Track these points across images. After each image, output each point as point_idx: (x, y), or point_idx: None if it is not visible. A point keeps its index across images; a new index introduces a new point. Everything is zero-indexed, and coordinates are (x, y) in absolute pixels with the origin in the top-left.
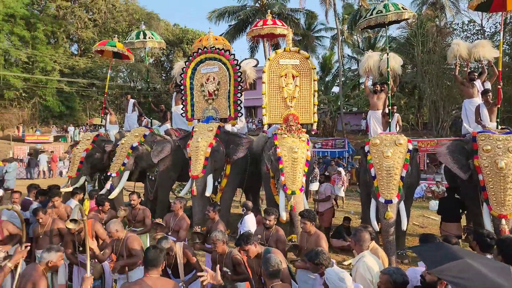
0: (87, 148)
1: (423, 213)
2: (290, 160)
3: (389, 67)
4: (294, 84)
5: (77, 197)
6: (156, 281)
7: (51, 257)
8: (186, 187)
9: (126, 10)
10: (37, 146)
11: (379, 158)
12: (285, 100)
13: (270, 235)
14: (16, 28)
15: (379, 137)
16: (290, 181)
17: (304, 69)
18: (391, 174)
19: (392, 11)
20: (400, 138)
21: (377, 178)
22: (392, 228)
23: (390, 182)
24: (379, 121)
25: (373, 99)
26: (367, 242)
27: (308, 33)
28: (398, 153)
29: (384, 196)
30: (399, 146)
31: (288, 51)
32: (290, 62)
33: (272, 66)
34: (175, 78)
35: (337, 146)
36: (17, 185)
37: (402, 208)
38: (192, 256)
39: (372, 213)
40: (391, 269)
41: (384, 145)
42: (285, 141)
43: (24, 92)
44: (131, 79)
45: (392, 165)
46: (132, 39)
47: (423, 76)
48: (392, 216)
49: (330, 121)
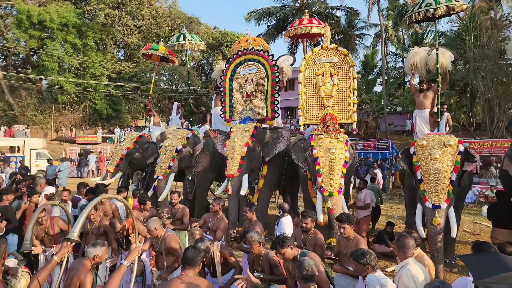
0: (129, 147)
1: (475, 219)
2: (327, 161)
3: (438, 64)
4: (332, 83)
5: (122, 194)
6: (192, 280)
7: (96, 251)
8: (222, 186)
9: (169, 16)
10: (86, 147)
11: (426, 161)
12: (322, 99)
13: (308, 238)
14: (69, 37)
15: (426, 137)
16: (327, 183)
17: (342, 67)
18: (439, 177)
19: (442, 3)
20: (450, 139)
21: (423, 182)
22: (440, 235)
23: (438, 186)
24: (426, 121)
25: (419, 97)
26: (411, 249)
27: (349, 31)
28: (448, 155)
29: (432, 200)
30: (449, 147)
31: (325, 49)
32: (328, 60)
33: (308, 65)
34: (215, 80)
35: (380, 148)
36: (68, 183)
37: (451, 214)
38: (230, 256)
39: (418, 219)
40: (436, 283)
41: (432, 146)
42: (321, 141)
43: (76, 96)
44: (173, 82)
45: (440, 168)
46: (173, 42)
47: (475, 73)
48: (440, 222)
49: (373, 121)
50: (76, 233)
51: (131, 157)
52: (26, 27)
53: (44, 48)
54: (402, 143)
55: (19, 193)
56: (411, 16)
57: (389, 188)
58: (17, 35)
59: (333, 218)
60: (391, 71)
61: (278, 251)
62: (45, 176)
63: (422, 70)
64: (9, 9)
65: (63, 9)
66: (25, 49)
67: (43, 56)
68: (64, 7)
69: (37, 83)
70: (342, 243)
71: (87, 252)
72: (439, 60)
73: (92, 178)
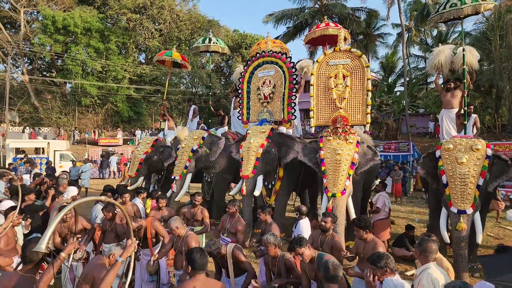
0: (147, 151)
1: (498, 223)
2: (332, 162)
3: (465, 63)
4: (345, 85)
5: (141, 196)
6: (205, 282)
7: (116, 251)
8: (236, 187)
9: (189, 19)
10: (108, 148)
11: (452, 165)
12: (334, 101)
13: (326, 240)
14: (92, 41)
15: (453, 141)
16: (331, 183)
17: (356, 68)
18: (465, 182)
19: (468, 3)
20: (477, 142)
21: (449, 186)
22: (464, 241)
23: (464, 191)
24: (453, 121)
25: (447, 96)
26: (434, 253)
27: (370, 32)
28: (475, 159)
29: (457, 206)
30: (476, 151)
31: (338, 51)
32: (341, 62)
33: (321, 68)
34: (235, 83)
35: (400, 150)
36: (91, 184)
37: (477, 219)
38: (243, 258)
39: (442, 223)
40: (457, 283)
41: (459, 150)
42: (329, 143)
43: (99, 99)
44: (193, 85)
45: (467, 173)
46: (198, 44)
47: (501, 74)
48: (464, 228)
49: (394, 123)
50: (44, 244)
51: (150, 161)
52: (51, 32)
53: (68, 52)
54: (424, 145)
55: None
56: (435, 16)
57: (410, 191)
58: (43, 40)
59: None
60: (413, 72)
61: (296, 251)
62: (68, 177)
63: (447, 69)
64: (35, 14)
65: (86, 14)
66: (50, 53)
67: (67, 60)
68: (88, 12)
69: (62, 87)
70: (360, 245)
71: (109, 249)
72: (466, 59)
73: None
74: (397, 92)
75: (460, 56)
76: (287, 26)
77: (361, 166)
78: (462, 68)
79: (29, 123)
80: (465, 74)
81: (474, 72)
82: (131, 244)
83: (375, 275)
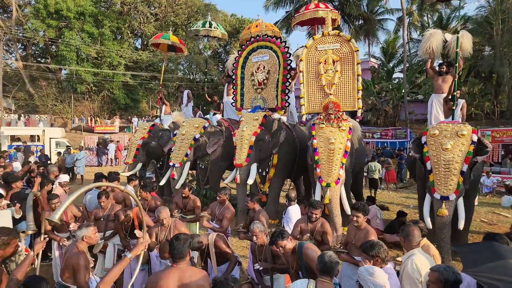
0: (143, 136)
1: (493, 209)
2: (326, 152)
3: (459, 46)
4: (334, 70)
5: (133, 183)
6: (185, 270)
7: (83, 232)
8: (231, 175)
9: (185, 3)
10: (105, 136)
11: (437, 151)
12: (324, 87)
13: (316, 228)
14: (86, 26)
15: (439, 127)
16: (325, 173)
17: (345, 53)
18: (449, 168)
19: None
20: (463, 128)
21: (433, 173)
22: (447, 227)
23: (448, 177)
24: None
25: (438, 81)
26: (416, 238)
27: (370, 16)
28: (460, 145)
29: (440, 192)
30: (462, 137)
31: (327, 35)
32: (330, 47)
33: (309, 53)
34: (227, 69)
35: (397, 136)
36: (87, 171)
37: (460, 205)
38: (226, 247)
39: (425, 209)
40: (441, 266)
41: (444, 136)
42: (322, 131)
43: (94, 86)
44: (190, 72)
45: (451, 159)
46: (198, 27)
47: (502, 59)
48: (445, 214)
49: (392, 110)
50: (58, 215)
51: (147, 147)
52: (44, 17)
53: (62, 38)
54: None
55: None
56: None
57: (406, 177)
58: (35, 24)
59: (331, 208)
60: (413, 57)
61: (277, 244)
62: (64, 165)
63: (438, 54)
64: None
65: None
66: (43, 38)
67: (61, 46)
68: None
69: (57, 73)
70: (352, 232)
71: (76, 235)
72: (460, 43)
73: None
74: (397, 78)
75: (453, 40)
76: (286, 11)
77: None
78: (455, 51)
79: (25, 111)
80: (457, 58)
81: (463, 59)
82: (143, 242)
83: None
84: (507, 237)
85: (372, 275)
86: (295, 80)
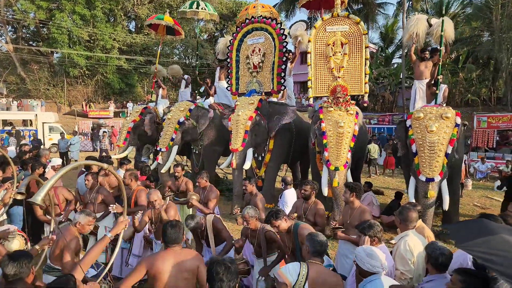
0: (135, 119)
1: (486, 193)
2: (335, 135)
3: (443, 30)
4: (343, 52)
5: (124, 167)
6: (179, 252)
7: (79, 219)
8: (227, 160)
9: None
10: (99, 121)
11: (422, 133)
12: (332, 70)
13: (309, 208)
14: (77, 7)
15: (423, 110)
16: (333, 157)
17: (354, 35)
18: (434, 150)
19: None
20: (447, 111)
21: (418, 155)
22: (431, 209)
23: (433, 159)
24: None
25: (420, 67)
26: (414, 221)
27: (370, 0)
28: (444, 128)
29: (426, 174)
30: (446, 120)
31: (336, 17)
32: (339, 28)
33: (318, 35)
34: (217, 53)
35: (394, 122)
36: (81, 156)
37: (444, 186)
38: (222, 229)
39: (410, 192)
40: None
41: (429, 118)
42: (330, 114)
43: (88, 70)
44: (185, 56)
45: (436, 141)
46: (185, 8)
47: (501, 44)
48: (434, 195)
49: (390, 95)
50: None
51: (139, 130)
52: None
53: (53, 20)
54: None
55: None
56: None
57: None
58: (25, 6)
59: (338, 192)
60: None
61: (272, 224)
62: (57, 150)
63: (423, 40)
64: None
65: None
66: (34, 21)
67: (52, 28)
68: None
69: (49, 57)
70: (347, 212)
71: (74, 218)
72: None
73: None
74: (395, 64)
75: (437, 25)
76: None
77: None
78: (440, 35)
79: (17, 95)
80: (442, 42)
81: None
82: (123, 221)
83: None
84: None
85: (370, 256)
86: (294, 63)
